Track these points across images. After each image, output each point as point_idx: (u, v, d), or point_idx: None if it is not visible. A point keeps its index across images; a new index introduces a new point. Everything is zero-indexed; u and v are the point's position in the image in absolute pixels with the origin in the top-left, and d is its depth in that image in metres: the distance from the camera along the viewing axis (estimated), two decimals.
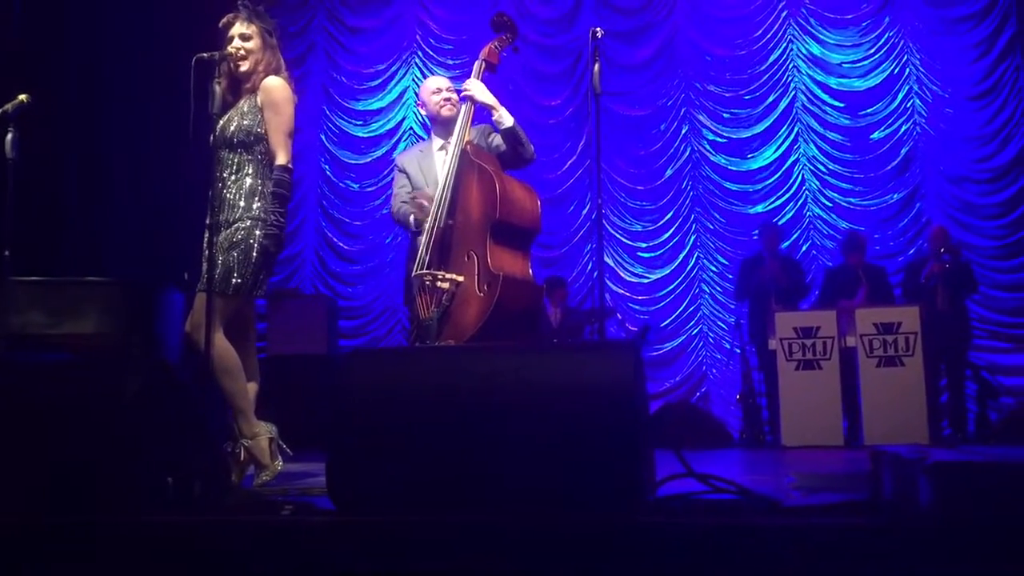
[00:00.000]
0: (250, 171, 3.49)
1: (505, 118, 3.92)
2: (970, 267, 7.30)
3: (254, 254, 3.43)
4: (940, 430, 6.87)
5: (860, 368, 6.53)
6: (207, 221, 3.43)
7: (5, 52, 6.97)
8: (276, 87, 3.53)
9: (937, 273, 6.94)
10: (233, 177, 3.48)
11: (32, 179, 4.59)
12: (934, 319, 6.75)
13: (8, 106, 4.14)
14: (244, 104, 3.53)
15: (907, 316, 6.52)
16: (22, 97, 4.15)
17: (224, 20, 3.56)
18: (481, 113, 4.03)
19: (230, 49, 3.50)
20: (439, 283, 3.70)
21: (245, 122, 3.48)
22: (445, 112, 4.05)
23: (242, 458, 3.41)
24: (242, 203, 3.45)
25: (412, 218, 3.92)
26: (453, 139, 3.92)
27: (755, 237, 8.01)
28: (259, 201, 3.47)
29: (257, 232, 3.44)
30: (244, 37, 3.52)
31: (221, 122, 3.48)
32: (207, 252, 3.43)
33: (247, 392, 3.48)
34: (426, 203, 3.84)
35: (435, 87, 4.12)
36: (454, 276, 3.69)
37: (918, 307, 6.61)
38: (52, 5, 7.55)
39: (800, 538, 1.84)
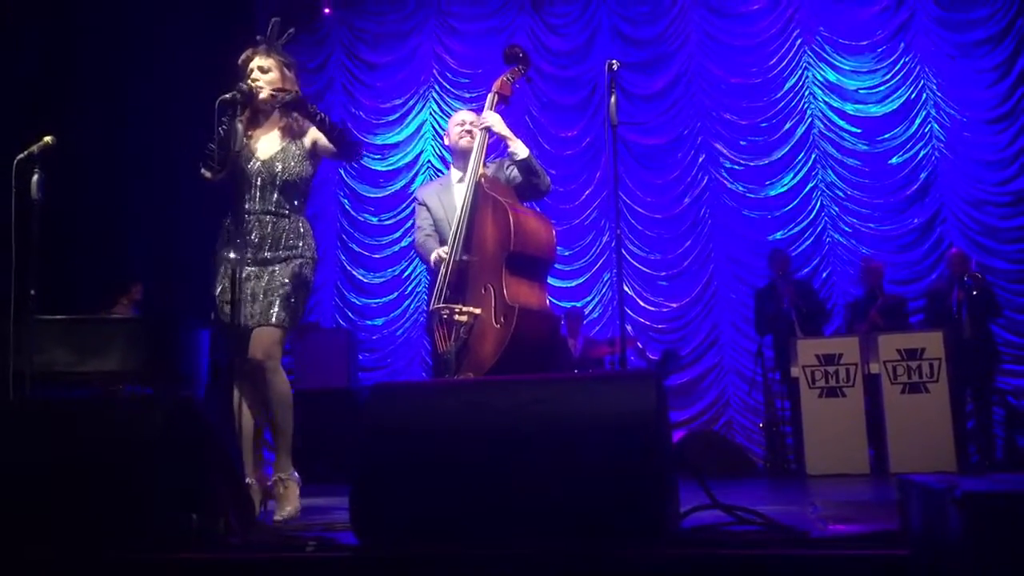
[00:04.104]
0: (299, 210, 3.59)
1: (520, 150, 3.98)
2: (993, 291, 7.23)
3: (305, 290, 3.58)
4: (968, 457, 6.77)
5: (884, 395, 6.45)
6: (247, 255, 3.46)
7: (25, 87, 7.09)
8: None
9: (964, 299, 6.87)
10: (281, 215, 3.53)
11: (54, 217, 4.65)
12: (959, 344, 6.68)
13: (34, 147, 4.20)
14: (292, 146, 3.56)
15: (931, 342, 6.44)
16: (47, 139, 4.21)
17: (243, 57, 3.60)
18: (497, 145, 4.07)
19: (247, 83, 3.53)
20: (456, 316, 3.73)
21: (296, 168, 3.54)
22: (463, 143, 4.11)
23: (263, 492, 3.42)
24: (299, 242, 3.54)
25: (432, 258, 3.98)
26: (469, 169, 3.98)
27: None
28: (308, 239, 3.58)
29: (307, 270, 3.56)
30: (263, 70, 3.56)
31: (263, 158, 3.53)
32: (249, 288, 3.45)
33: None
34: (443, 255, 3.90)
35: (460, 120, 4.21)
36: (471, 309, 3.71)
37: (941, 332, 6.54)
38: (70, 44, 7.68)
39: (828, 570, 1.82)
